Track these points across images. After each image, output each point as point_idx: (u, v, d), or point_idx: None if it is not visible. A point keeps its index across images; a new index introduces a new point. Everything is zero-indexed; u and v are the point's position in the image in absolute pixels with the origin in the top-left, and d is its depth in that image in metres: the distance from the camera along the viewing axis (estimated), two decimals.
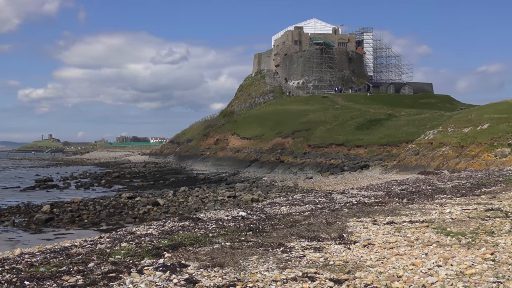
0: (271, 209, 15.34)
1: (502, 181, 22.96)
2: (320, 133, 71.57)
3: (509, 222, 11.37)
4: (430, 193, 18.98)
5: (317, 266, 7.92)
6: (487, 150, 44.14)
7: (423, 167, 46.51)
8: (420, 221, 12.06)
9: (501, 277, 6.97)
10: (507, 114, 52.22)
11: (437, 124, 58.39)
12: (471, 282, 6.83)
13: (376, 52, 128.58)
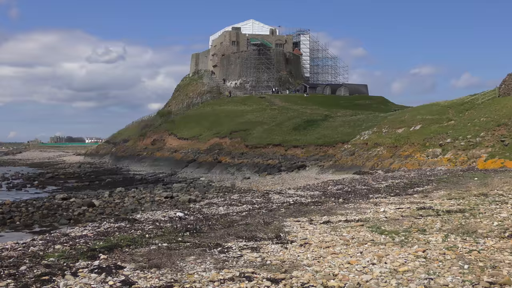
0: (209, 209, 15.30)
1: (434, 181, 23.59)
2: (257, 133, 71.86)
3: (440, 220, 11.69)
4: (365, 193, 19.32)
5: (254, 266, 7.94)
6: (420, 151, 45.30)
7: (358, 167, 47.29)
8: (355, 220, 12.25)
9: (432, 274, 7.16)
10: (438, 115, 53.72)
11: (372, 125, 59.54)
12: (403, 279, 6.98)
13: (312, 54, 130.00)
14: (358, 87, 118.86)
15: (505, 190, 17.61)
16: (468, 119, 49.09)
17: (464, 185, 20.62)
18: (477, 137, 42.79)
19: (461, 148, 42.38)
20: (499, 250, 8.50)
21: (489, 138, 42.11)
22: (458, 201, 15.23)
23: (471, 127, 45.89)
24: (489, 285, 6.60)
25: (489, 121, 45.62)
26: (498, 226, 10.69)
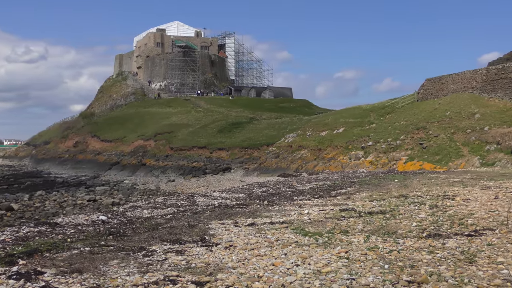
0: (133, 212, 15.09)
1: (356, 183, 24.08)
2: (182, 135, 71.50)
3: (362, 221, 11.95)
4: (289, 195, 19.51)
5: (179, 269, 7.89)
6: (343, 153, 46.21)
7: (283, 170, 47.75)
8: (280, 222, 12.36)
9: (354, 274, 7.31)
10: (361, 118, 54.96)
11: (296, 128, 60.27)
12: (327, 279, 7.10)
13: (238, 56, 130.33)
14: (282, 90, 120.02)
15: (423, 191, 18.18)
16: (389, 123, 50.45)
17: (385, 187, 21.15)
18: (397, 140, 44.02)
19: (382, 150, 43.49)
20: (417, 250, 8.76)
21: (408, 141, 43.40)
22: (379, 202, 15.60)
23: (392, 130, 47.17)
24: (407, 284, 6.79)
25: (408, 124, 47.02)
26: (417, 226, 11.03)
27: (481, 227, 10.72)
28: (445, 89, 54.59)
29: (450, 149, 39.39)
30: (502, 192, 17.26)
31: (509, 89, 45.71)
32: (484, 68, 50.62)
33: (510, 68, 46.17)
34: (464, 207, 13.74)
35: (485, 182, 21.09)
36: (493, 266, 7.63)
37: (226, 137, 65.82)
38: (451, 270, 7.41)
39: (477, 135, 39.91)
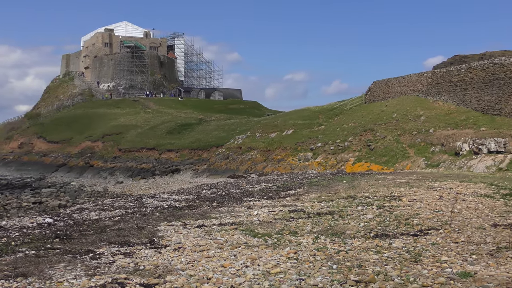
0: (80, 214, 14.85)
1: (305, 184, 24.26)
2: (131, 137, 70.79)
3: (311, 222, 12.05)
4: (239, 196, 19.51)
5: (127, 271, 7.81)
6: (292, 154, 46.52)
7: (232, 171, 47.80)
8: (229, 223, 12.36)
9: (303, 275, 7.37)
10: (310, 120, 55.45)
11: (246, 129, 60.40)
12: (276, 280, 7.14)
13: (187, 57, 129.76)
14: (232, 91, 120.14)
15: (371, 192, 18.45)
16: (337, 124, 51.04)
17: (334, 188, 21.37)
18: (345, 142, 44.56)
19: (331, 152, 43.96)
20: (365, 250, 8.90)
21: (356, 142, 43.98)
22: (328, 203, 15.76)
23: (340, 132, 47.73)
24: (355, 283, 6.89)
25: (356, 126, 47.67)
26: (364, 227, 11.19)
27: (426, 227, 10.95)
28: (392, 91, 55.57)
29: (397, 151, 40.10)
30: (446, 192, 17.67)
31: (453, 92, 46.82)
32: (429, 71, 51.77)
33: (453, 72, 47.29)
34: (410, 207, 14.01)
35: (430, 183, 21.54)
36: (437, 265, 7.81)
37: (175, 139, 65.49)
38: (398, 270, 7.55)
39: (422, 137, 40.74)
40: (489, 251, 8.70)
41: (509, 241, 9.34)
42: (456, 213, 12.69)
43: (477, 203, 14.78)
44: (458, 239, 9.64)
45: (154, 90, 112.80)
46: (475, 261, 8.03)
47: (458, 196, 16.41)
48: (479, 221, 11.68)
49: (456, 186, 20.06)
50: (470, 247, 9.03)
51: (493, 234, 10.10)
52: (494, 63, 42.80)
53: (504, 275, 7.24)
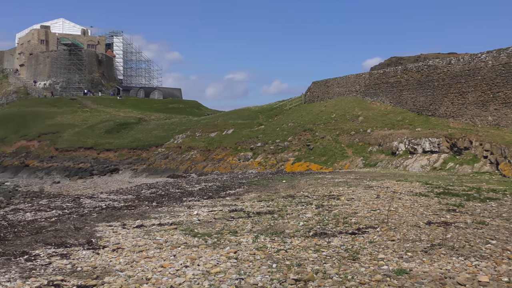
0: (14, 215, 14.48)
1: (245, 184, 24.32)
2: (68, 136, 69.37)
3: (251, 222, 12.09)
4: (179, 196, 19.41)
5: (64, 273, 7.66)
6: (232, 154, 46.55)
7: (172, 171, 47.50)
8: (169, 223, 12.28)
9: (243, 274, 7.39)
10: (250, 120, 55.65)
11: (186, 129, 60.12)
12: (216, 280, 7.13)
13: (126, 56, 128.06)
14: (172, 91, 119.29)
15: (310, 191, 18.64)
16: (277, 124, 51.38)
17: (273, 187, 21.51)
18: (285, 141, 44.87)
19: (271, 151, 44.19)
20: (304, 249, 8.98)
21: (296, 142, 44.36)
22: (267, 203, 15.85)
23: (280, 131, 48.05)
24: (294, 282, 6.95)
25: (296, 126, 48.09)
26: (304, 226, 11.30)
27: (364, 226, 11.15)
28: (330, 92, 56.32)
29: (336, 150, 40.65)
30: (383, 191, 18.03)
31: (389, 93, 47.82)
32: (367, 72, 52.71)
33: (390, 73, 48.31)
34: (348, 206, 14.22)
35: (367, 182, 21.93)
36: (374, 263, 7.96)
37: (114, 138, 64.57)
38: (336, 268, 7.66)
39: (360, 137, 41.43)
40: (424, 248, 8.92)
41: (442, 238, 9.61)
42: (393, 212, 12.96)
43: (413, 201, 15.14)
44: (394, 237, 9.85)
45: (92, 88, 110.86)
46: (411, 258, 8.23)
47: (394, 195, 16.77)
48: (414, 219, 11.96)
49: (392, 185, 20.49)
50: (405, 244, 9.24)
51: (427, 232, 10.37)
52: (429, 65, 43.94)
53: (437, 271, 7.44)
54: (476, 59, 39.62)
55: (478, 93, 38.93)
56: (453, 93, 41.19)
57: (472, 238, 9.68)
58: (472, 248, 8.86)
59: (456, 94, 40.97)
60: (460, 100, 40.53)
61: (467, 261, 8.01)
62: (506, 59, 37.07)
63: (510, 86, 36.57)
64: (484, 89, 38.49)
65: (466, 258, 8.22)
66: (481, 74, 38.91)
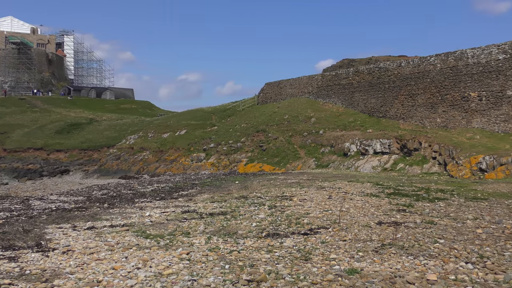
0: None
1: (198, 184, 24.24)
2: (17, 136, 67.92)
3: (204, 223, 12.06)
4: (131, 197, 19.24)
5: (11, 276, 7.49)
6: (185, 155, 46.36)
7: (124, 172, 47.04)
8: (120, 225, 12.15)
9: (196, 275, 7.36)
10: (203, 121, 55.51)
11: (138, 130, 59.63)
12: (168, 282, 7.08)
13: (77, 56, 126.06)
14: (124, 91, 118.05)
15: (263, 192, 18.69)
16: (230, 125, 51.38)
17: (226, 188, 21.48)
18: (238, 142, 44.91)
19: (224, 152, 44.18)
20: (256, 250, 9.00)
21: (249, 143, 44.45)
22: (220, 203, 15.82)
23: (233, 132, 48.07)
24: (247, 283, 6.95)
25: (249, 127, 48.19)
26: (257, 227, 11.33)
27: (316, 226, 11.24)
28: (283, 93, 56.62)
29: (288, 151, 40.89)
30: (335, 192, 18.21)
31: (341, 95, 48.35)
32: (319, 74, 53.18)
33: (342, 75, 48.85)
34: (300, 207, 14.31)
35: (320, 183, 22.11)
36: (326, 263, 8.03)
37: (64, 139, 63.54)
38: (288, 268, 7.70)
39: (313, 138, 41.77)
40: (375, 248, 9.04)
41: (392, 238, 9.77)
42: (344, 212, 13.10)
43: (364, 202, 15.33)
44: (346, 237, 9.95)
45: (42, 88, 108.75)
46: (362, 258, 8.33)
47: (346, 196, 16.95)
48: (365, 219, 12.12)
49: (344, 186, 20.71)
50: (357, 244, 9.35)
51: (378, 232, 10.52)
52: (380, 68, 44.61)
53: (388, 271, 7.56)
54: (426, 62, 40.43)
55: (427, 95, 39.72)
56: (403, 95, 41.92)
57: (421, 238, 9.87)
58: (421, 248, 9.02)
59: (406, 96, 41.71)
60: (410, 102, 41.27)
61: (416, 260, 8.16)
62: (453, 63, 37.92)
63: (457, 89, 37.43)
64: (433, 91, 39.29)
65: (415, 257, 8.37)
66: (430, 77, 39.71)
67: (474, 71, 36.45)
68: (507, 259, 8.24)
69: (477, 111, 36.04)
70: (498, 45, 35.27)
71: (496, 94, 34.85)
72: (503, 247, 9.06)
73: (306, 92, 53.31)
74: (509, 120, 33.87)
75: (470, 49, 37.18)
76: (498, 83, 34.81)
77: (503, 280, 7.03)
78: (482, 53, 36.20)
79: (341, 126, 42.48)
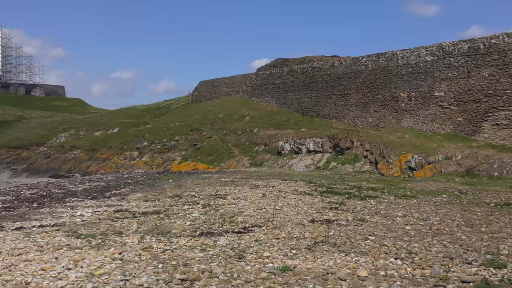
0: None
1: (131, 183, 23.97)
2: None
3: (137, 222, 11.92)
4: (61, 197, 18.85)
5: None
6: (118, 153, 45.70)
7: (55, 170, 45.98)
8: (51, 225, 11.88)
9: (128, 275, 7.26)
10: (136, 119, 54.89)
11: (70, 128, 58.42)
12: (100, 282, 6.96)
13: (5, 51, 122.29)
14: (55, 88, 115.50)
15: (197, 191, 18.65)
16: (164, 123, 50.99)
17: (160, 187, 21.33)
18: (172, 141, 44.61)
19: (157, 151, 43.80)
20: (190, 248, 8.96)
21: (183, 142, 44.23)
22: (154, 202, 15.69)
23: (167, 131, 47.72)
24: (181, 282, 6.91)
25: (183, 125, 47.95)
26: (190, 225, 11.28)
27: (250, 224, 11.28)
28: (218, 92, 56.61)
29: (222, 150, 40.90)
30: (269, 190, 18.34)
31: (275, 94, 48.72)
32: (253, 73, 53.43)
33: (276, 74, 49.24)
34: (234, 205, 14.35)
35: (254, 182, 22.22)
36: (260, 261, 8.07)
37: None
38: (222, 267, 7.70)
39: (247, 136, 41.92)
40: (308, 245, 9.15)
41: (325, 236, 9.90)
42: (278, 211, 13.21)
43: (297, 200, 15.50)
44: (279, 235, 10.03)
45: None
46: (295, 256, 8.41)
47: (280, 194, 17.10)
48: (298, 217, 12.25)
49: (278, 184, 20.89)
50: (290, 242, 9.44)
51: (311, 230, 10.65)
52: (313, 67, 45.19)
53: (320, 268, 7.66)
54: (358, 62, 41.20)
55: (359, 95, 40.50)
56: (336, 95, 42.60)
57: (353, 235, 10.05)
58: (353, 245, 9.19)
59: (339, 96, 42.40)
60: (343, 101, 41.98)
61: (348, 257, 8.30)
62: (384, 63, 38.80)
63: (388, 89, 38.32)
64: (364, 91, 40.09)
65: (347, 254, 8.51)
66: (362, 77, 40.50)
67: (404, 72, 37.40)
68: (433, 254, 8.50)
69: (406, 111, 36.99)
70: (426, 47, 36.30)
71: (425, 94, 35.85)
72: (430, 243, 9.34)
73: (241, 91, 53.47)
74: (436, 120, 34.91)
75: (400, 50, 38.13)
76: (426, 84, 35.82)
77: (430, 275, 7.24)
78: (411, 54, 37.18)
79: (275, 125, 42.80)
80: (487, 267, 7.65)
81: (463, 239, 9.67)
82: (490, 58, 32.29)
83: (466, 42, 33.99)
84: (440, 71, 35.10)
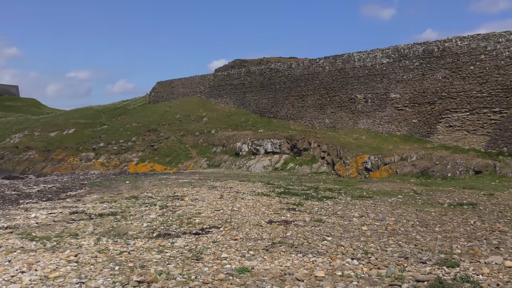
0: None
1: (87, 185, 23.66)
2: None
3: (93, 224, 11.78)
4: (15, 198, 18.49)
5: None
6: (73, 154, 45.08)
7: (8, 172, 45.10)
8: (4, 227, 11.64)
9: (84, 278, 7.17)
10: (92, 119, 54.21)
11: (23, 128, 57.36)
12: (55, 285, 6.85)
13: None
14: (8, 88, 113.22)
15: (154, 192, 18.52)
16: (121, 124, 50.50)
17: (116, 188, 21.11)
18: (129, 142, 44.23)
19: (114, 152, 43.36)
20: (147, 250, 8.90)
21: (140, 142, 43.89)
22: (110, 204, 15.53)
23: (124, 132, 47.29)
24: (137, 284, 6.86)
25: (140, 126, 47.57)
26: (147, 227, 11.20)
27: (207, 226, 11.26)
28: (175, 92, 56.34)
29: (180, 151, 40.72)
30: (227, 191, 18.33)
31: (233, 95, 48.74)
32: (211, 74, 53.32)
33: (234, 75, 49.26)
34: (192, 207, 14.30)
35: (211, 183, 22.19)
36: (217, 262, 8.07)
37: None
38: (180, 268, 7.67)
39: (205, 137, 41.83)
40: (265, 246, 9.18)
41: (282, 237, 9.95)
42: (236, 212, 13.22)
43: (255, 201, 15.54)
44: (237, 236, 10.04)
45: None
46: (253, 257, 8.43)
47: (237, 195, 17.11)
48: (256, 218, 12.28)
49: (236, 185, 20.90)
50: (248, 243, 9.46)
51: (269, 231, 10.68)
52: (271, 69, 45.36)
53: (278, 268, 7.69)
54: (315, 64, 41.51)
55: (317, 96, 40.81)
56: (294, 96, 42.83)
57: (310, 236, 10.13)
58: (310, 245, 9.26)
59: (296, 97, 42.64)
60: (300, 103, 42.24)
61: (305, 258, 8.36)
62: (341, 65, 39.19)
63: (345, 90, 38.71)
64: (322, 93, 40.41)
65: (304, 254, 8.57)
66: (319, 79, 40.81)
67: (361, 74, 37.84)
68: (389, 254, 8.63)
69: (363, 113, 37.43)
70: (382, 49, 36.81)
71: (381, 96, 36.34)
72: (386, 243, 9.48)
73: (198, 92, 53.32)
74: (392, 121, 35.43)
75: (356, 52, 38.56)
76: (383, 86, 36.31)
77: (385, 274, 7.35)
78: (368, 56, 37.63)
79: (233, 126, 42.81)
80: (440, 266, 7.81)
81: (417, 239, 9.85)
82: (444, 61, 32.92)
83: (421, 45, 34.59)
84: (395, 73, 35.62)
